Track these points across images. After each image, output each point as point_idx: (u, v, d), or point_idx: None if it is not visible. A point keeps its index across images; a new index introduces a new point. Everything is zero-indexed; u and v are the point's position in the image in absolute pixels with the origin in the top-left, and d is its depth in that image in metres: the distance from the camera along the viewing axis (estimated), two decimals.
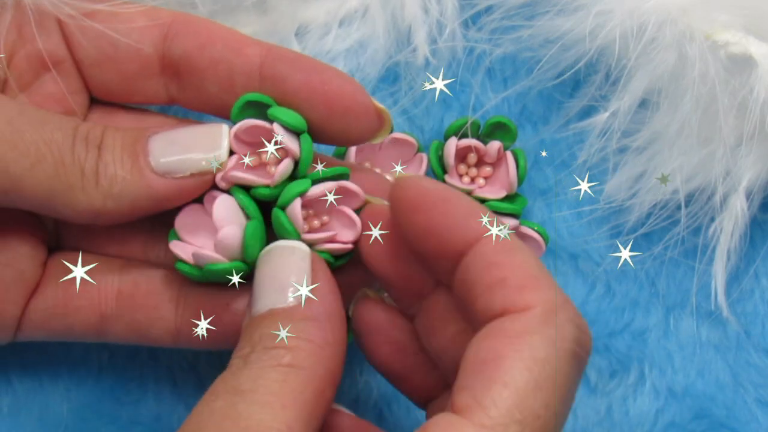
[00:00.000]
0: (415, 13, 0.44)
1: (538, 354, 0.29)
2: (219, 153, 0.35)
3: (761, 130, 0.40)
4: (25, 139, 0.33)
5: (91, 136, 0.34)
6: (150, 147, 0.35)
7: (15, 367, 0.43)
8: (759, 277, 0.44)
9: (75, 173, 0.34)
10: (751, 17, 0.40)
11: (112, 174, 0.34)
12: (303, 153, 0.35)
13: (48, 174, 0.33)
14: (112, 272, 0.37)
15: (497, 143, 0.43)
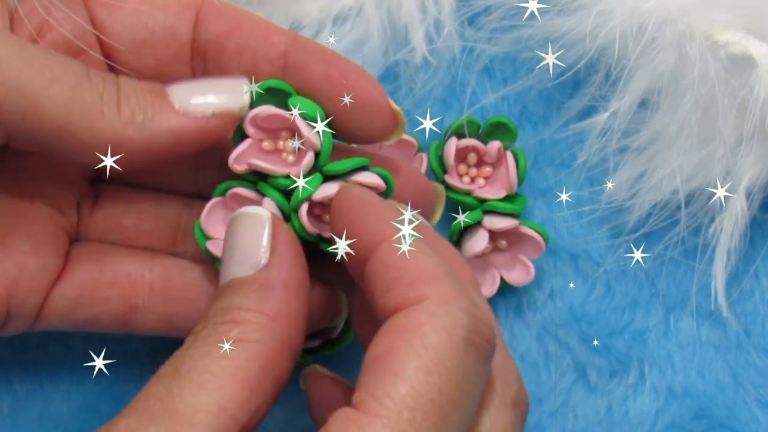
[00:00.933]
0: (412, 12, 0.44)
1: (428, 341, 0.29)
2: (241, 93, 0.34)
3: (761, 130, 0.40)
4: (41, 60, 0.32)
5: (106, 75, 0.34)
6: (169, 90, 0.34)
7: (15, 367, 0.43)
8: (759, 277, 0.44)
9: (94, 97, 0.33)
10: (751, 17, 0.40)
11: (134, 103, 0.33)
12: (323, 146, 0.35)
13: (66, 95, 0.32)
14: (142, 263, 0.37)
15: (497, 143, 0.43)
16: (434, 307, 0.30)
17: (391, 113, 0.36)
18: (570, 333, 0.44)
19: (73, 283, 0.36)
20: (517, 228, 0.42)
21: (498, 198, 0.43)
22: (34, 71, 0.32)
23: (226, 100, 0.34)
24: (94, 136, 0.33)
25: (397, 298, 0.30)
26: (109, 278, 0.37)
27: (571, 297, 0.44)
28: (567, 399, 0.44)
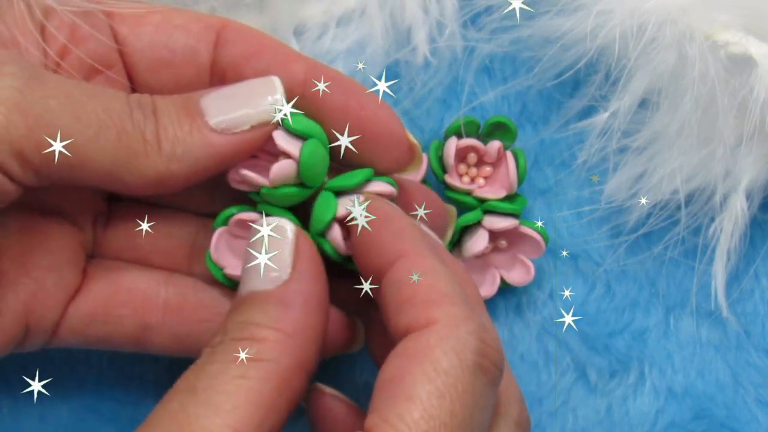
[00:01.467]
0: (415, 13, 0.44)
1: (439, 365, 0.29)
2: (277, 98, 0.34)
3: (761, 130, 0.40)
4: (87, 109, 0.32)
5: (143, 102, 0.34)
6: (203, 106, 0.34)
7: (15, 368, 0.43)
8: (759, 277, 0.44)
9: (137, 139, 0.33)
10: (751, 17, 0.40)
11: (173, 136, 0.33)
12: (302, 156, 0.35)
13: (112, 143, 0.32)
14: (157, 283, 0.37)
15: (497, 143, 0.43)
16: (444, 331, 0.30)
17: (408, 145, 0.36)
18: (570, 333, 0.44)
19: (88, 301, 0.37)
20: (517, 228, 0.42)
21: (498, 198, 0.43)
22: (83, 123, 0.32)
23: (263, 110, 0.34)
24: (140, 177, 0.33)
25: (408, 318, 0.31)
26: (124, 296, 0.37)
27: (571, 297, 0.44)
28: (567, 399, 0.44)
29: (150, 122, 0.33)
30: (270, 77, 0.35)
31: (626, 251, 0.44)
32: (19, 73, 0.32)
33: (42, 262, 0.36)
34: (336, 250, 0.35)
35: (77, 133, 0.32)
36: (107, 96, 0.33)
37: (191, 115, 0.34)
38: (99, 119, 0.32)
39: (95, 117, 0.32)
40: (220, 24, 0.36)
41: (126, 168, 0.33)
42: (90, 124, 0.32)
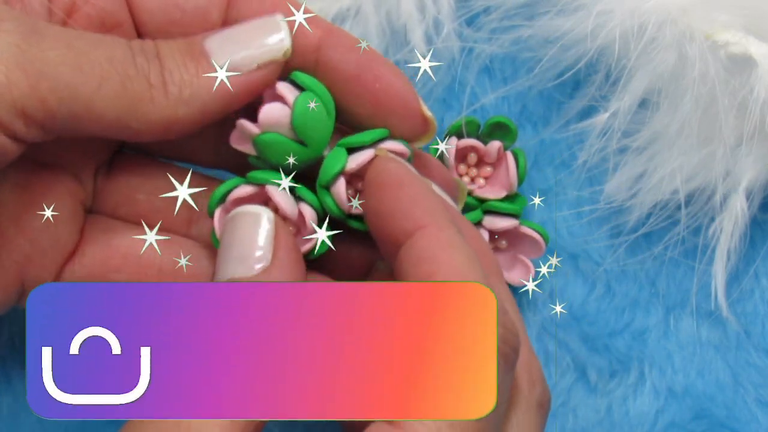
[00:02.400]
0: (411, 13, 0.44)
1: None
2: (282, 38, 0.34)
3: (761, 130, 0.40)
4: (89, 59, 0.32)
5: (146, 47, 0.33)
6: (208, 48, 0.34)
7: (15, 367, 0.43)
8: (759, 277, 0.44)
9: (142, 85, 0.33)
10: (751, 17, 0.40)
11: (179, 79, 0.33)
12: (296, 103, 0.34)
13: (116, 91, 0.32)
14: (152, 249, 0.36)
15: (497, 143, 0.43)
16: None
17: (422, 117, 0.35)
18: (570, 333, 0.44)
19: (83, 265, 0.36)
20: (517, 228, 0.42)
21: (498, 198, 0.43)
22: (84, 74, 0.32)
23: (268, 48, 0.34)
24: (147, 123, 0.33)
25: None
26: (119, 261, 0.36)
27: (571, 297, 0.44)
28: (567, 399, 0.44)
29: (154, 66, 0.33)
30: (273, 16, 0.34)
31: (626, 251, 0.44)
32: (18, 28, 0.31)
33: (39, 222, 0.35)
34: (338, 205, 0.34)
35: (81, 85, 0.31)
36: (109, 43, 0.33)
37: (196, 58, 0.34)
38: (102, 68, 0.32)
39: (98, 66, 0.32)
40: None
41: (133, 115, 0.32)
42: (93, 74, 0.32)
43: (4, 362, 0.43)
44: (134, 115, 0.33)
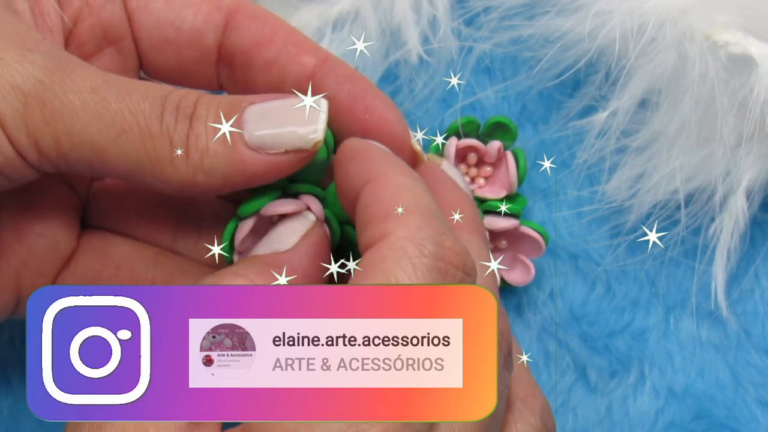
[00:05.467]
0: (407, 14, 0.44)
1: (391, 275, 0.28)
2: (316, 129, 0.33)
3: (761, 130, 0.40)
4: (111, 108, 0.31)
5: (182, 104, 0.33)
6: (245, 118, 0.33)
7: (15, 367, 0.43)
8: (759, 277, 0.44)
9: (163, 145, 0.32)
10: (751, 17, 0.40)
11: (203, 147, 0.32)
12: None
13: (134, 146, 0.32)
14: (146, 261, 0.37)
15: (497, 143, 0.43)
16: (396, 240, 0.29)
17: (410, 151, 0.36)
18: (570, 333, 0.44)
19: (77, 274, 0.36)
20: (517, 228, 0.42)
21: (498, 198, 0.43)
22: (103, 123, 0.31)
23: (300, 137, 0.33)
24: (163, 183, 0.33)
25: (367, 235, 0.30)
26: (112, 272, 0.36)
27: (571, 297, 0.44)
28: (567, 399, 0.44)
29: (182, 127, 0.32)
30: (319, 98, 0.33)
31: (626, 251, 0.44)
32: (45, 62, 0.31)
33: (37, 227, 0.35)
34: None
35: (96, 133, 0.31)
36: (139, 94, 0.32)
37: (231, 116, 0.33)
38: (123, 120, 0.32)
39: (119, 117, 0.31)
40: (232, 6, 0.36)
41: (149, 172, 0.32)
42: (112, 124, 0.31)
43: (4, 362, 0.43)
44: (151, 171, 0.32)
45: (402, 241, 0.29)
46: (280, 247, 0.33)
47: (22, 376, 0.43)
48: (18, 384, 0.43)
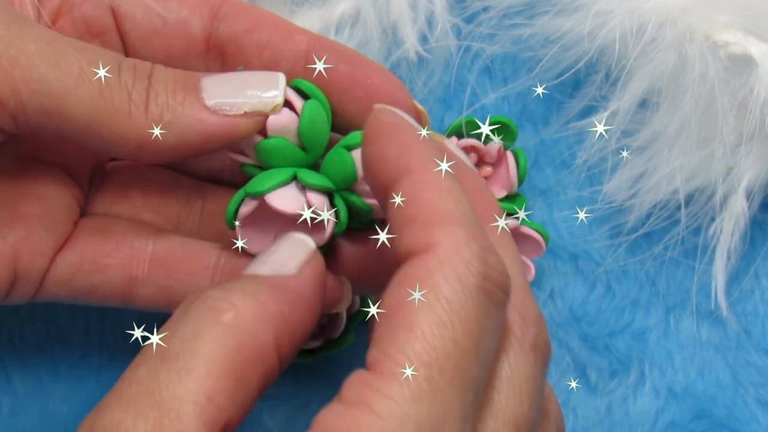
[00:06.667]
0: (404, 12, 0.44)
1: (440, 292, 0.28)
2: (276, 94, 0.34)
3: (761, 130, 0.40)
4: (69, 59, 0.32)
5: (139, 67, 0.33)
6: (203, 85, 0.34)
7: (15, 367, 0.43)
8: (759, 277, 0.44)
9: (122, 97, 0.32)
10: (751, 17, 0.40)
11: (163, 102, 0.33)
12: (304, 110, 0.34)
13: (92, 95, 0.32)
14: (146, 236, 0.37)
15: (497, 143, 0.43)
16: (445, 254, 0.28)
17: (415, 113, 0.35)
18: (570, 333, 0.44)
19: (76, 251, 0.36)
20: (517, 228, 0.42)
21: (498, 198, 0.43)
22: (61, 71, 0.32)
23: (260, 99, 0.34)
24: (120, 137, 0.33)
25: (409, 241, 0.29)
26: (112, 247, 0.36)
27: (571, 297, 0.44)
28: (567, 399, 0.44)
29: (140, 84, 0.33)
30: (276, 73, 0.34)
31: (626, 251, 0.44)
32: (1, 16, 0.31)
33: (35, 209, 0.35)
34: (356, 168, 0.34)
35: (55, 81, 0.31)
36: (95, 51, 0.33)
37: (187, 89, 0.34)
38: (81, 68, 0.32)
39: (77, 67, 0.32)
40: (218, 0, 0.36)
41: (107, 125, 0.32)
42: (70, 72, 0.32)
43: (4, 362, 0.43)
44: (108, 124, 0.32)
45: (451, 256, 0.28)
46: (282, 270, 0.32)
47: (22, 376, 0.43)
48: (18, 384, 0.43)
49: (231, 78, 0.34)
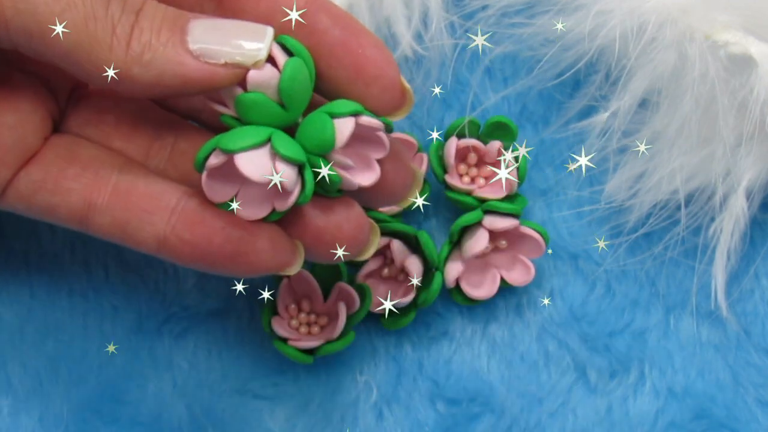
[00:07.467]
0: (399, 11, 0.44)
1: None
2: (260, 48, 0.34)
3: (761, 130, 0.40)
4: None
5: (130, 1, 0.34)
6: (190, 27, 0.34)
7: (15, 367, 0.43)
8: (759, 277, 0.44)
9: (105, 29, 0.33)
10: (751, 17, 0.40)
11: (146, 40, 0.33)
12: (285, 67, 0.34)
13: (76, 23, 0.32)
14: (112, 166, 0.36)
15: (497, 143, 0.43)
16: None
17: (400, 89, 0.35)
18: (570, 333, 0.44)
19: (41, 167, 0.36)
20: (517, 228, 0.42)
21: (498, 198, 0.43)
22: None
23: (243, 52, 0.34)
24: (98, 68, 0.33)
25: None
26: (77, 171, 0.36)
27: (571, 297, 0.44)
28: (567, 399, 0.44)
29: (127, 19, 0.33)
30: (265, 27, 0.34)
31: (626, 251, 0.44)
32: None
33: (8, 119, 0.35)
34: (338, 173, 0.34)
35: (42, 4, 0.32)
36: None
37: (173, 30, 0.34)
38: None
39: None
40: None
41: (86, 54, 0.33)
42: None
43: (4, 362, 0.43)
44: (88, 54, 0.33)
45: None
46: None
47: (22, 376, 0.43)
48: (18, 384, 0.43)
49: (220, 24, 0.34)
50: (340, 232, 0.36)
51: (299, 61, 0.34)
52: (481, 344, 0.44)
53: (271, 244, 0.35)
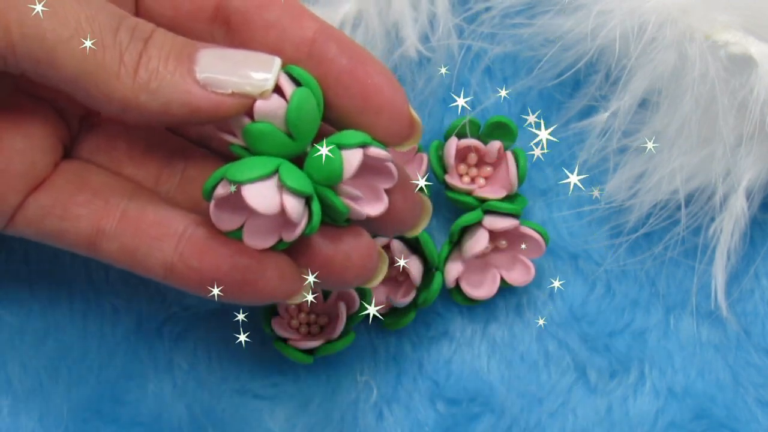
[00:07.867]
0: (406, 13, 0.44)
1: None
2: (267, 78, 0.34)
3: (761, 130, 0.40)
4: (67, 10, 0.32)
5: (139, 28, 0.34)
6: (198, 56, 0.34)
7: (15, 367, 0.43)
8: (759, 277, 0.44)
9: (113, 56, 0.33)
10: (751, 17, 0.40)
11: (153, 68, 0.33)
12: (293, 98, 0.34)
13: (84, 51, 0.32)
14: (122, 194, 0.36)
15: (497, 143, 0.43)
16: None
17: (409, 121, 0.35)
18: (570, 333, 0.44)
19: (51, 193, 0.36)
20: (517, 228, 0.42)
21: (498, 198, 0.43)
22: (58, 21, 0.32)
23: (250, 81, 0.34)
24: (105, 96, 0.33)
25: None
26: (87, 197, 0.36)
27: (571, 297, 0.44)
28: (567, 399, 0.44)
29: (135, 47, 0.33)
30: (273, 57, 0.34)
31: (626, 251, 0.44)
32: None
33: (18, 144, 0.35)
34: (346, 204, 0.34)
35: (49, 30, 0.32)
36: (97, 6, 0.33)
37: (181, 59, 0.34)
38: (77, 23, 0.32)
39: (74, 20, 0.32)
40: None
41: (94, 81, 0.33)
42: (66, 24, 0.32)
43: (4, 362, 0.43)
44: (95, 82, 0.33)
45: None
46: None
47: (22, 376, 0.43)
48: (18, 384, 0.43)
49: (228, 54, 0.34)
50: (348, 260, 0.36)
51: (306, 91, 0.34)
52: (481, 344, 0.44)
53: (279, 272, 0.35)
